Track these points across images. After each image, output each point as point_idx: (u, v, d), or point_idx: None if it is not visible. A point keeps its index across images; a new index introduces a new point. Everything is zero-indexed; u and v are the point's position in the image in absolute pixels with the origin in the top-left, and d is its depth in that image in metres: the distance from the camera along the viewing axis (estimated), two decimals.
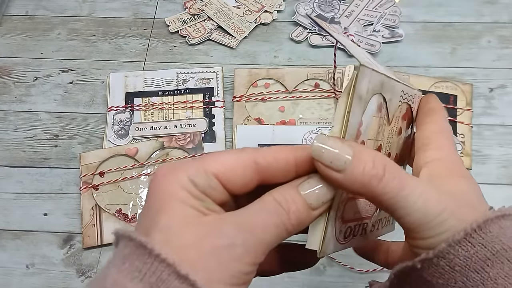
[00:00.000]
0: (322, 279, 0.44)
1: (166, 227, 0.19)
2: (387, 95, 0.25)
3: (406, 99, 0.28)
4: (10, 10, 0.64)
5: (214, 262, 0.19)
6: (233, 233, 0.20)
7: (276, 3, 0.62)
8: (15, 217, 0.49)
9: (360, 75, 0.22)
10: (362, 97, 0.22)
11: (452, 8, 0.61)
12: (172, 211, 0.20)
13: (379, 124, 0.25)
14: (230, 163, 0.21)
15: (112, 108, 0.54)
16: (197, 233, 0.19)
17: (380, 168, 0.21)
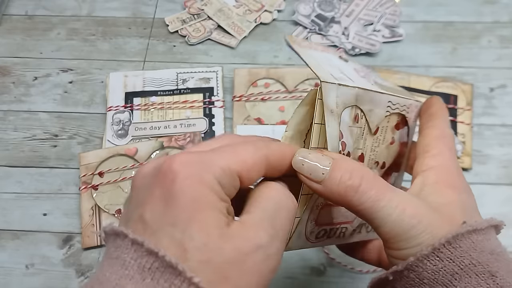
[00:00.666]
0: (322, 279, 0.44)
1: (204, 244, 0.18)
2: (365, 106, 0.26)
3: (398, 109, 0.28)
4: (10, 10, 0.64)
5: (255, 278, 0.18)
6: (267, 242, 0.19)
7: (276, 2, 0.62)
8: (14, 217, 0.49)
9: (324, 90, 0.23)
10: (333, 110, 0.23)
11: (453, 8, 0.61)
12: (206, 222, 0.18)
13: (357, 133, 0.26)
14: (251, 162, 0.21)
15: (111, 108, 0.54)
16: (236, 248, 0.18)
17: (357, 179, 0.21)
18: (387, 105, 0.28)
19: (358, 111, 0.26)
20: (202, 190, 0.18)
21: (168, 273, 0.17)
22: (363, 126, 0.27)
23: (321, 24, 0.60)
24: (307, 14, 0.61)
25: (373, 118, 0.27)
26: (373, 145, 0.28)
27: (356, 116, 0.25)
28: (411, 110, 0.29)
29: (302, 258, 0.45)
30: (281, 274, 0.45)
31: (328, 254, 0.45)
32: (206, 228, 0.18)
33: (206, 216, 0.18)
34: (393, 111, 0.28)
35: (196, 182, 0.19)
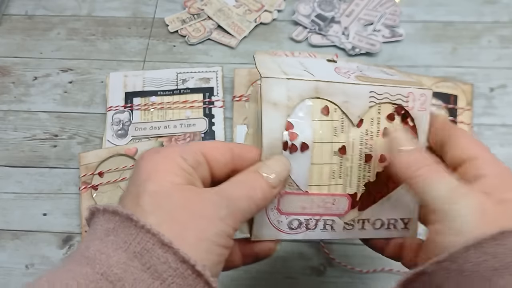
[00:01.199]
0: (322, 279, 0.44)
1: (155, 191, 0.21)
2: (337, 98, 0.27)
3: (387, 99, 0.28)
4: (10, 10, 0.64)
5: (203, 222, 0.21)
6: (218, 199, 0.22)
7: (276, 2, 0.62)
8: (14, 217, 0.49)
9: (264, 85, 0.26)
10: (278, 103, 0.26)
11: (453, 8, 0.61)
12: (160, 178, 0.22)
13: (332, 126, 0.28)
14: (214, 145, 0.25)
15: (111, 108, 0.54)
16: (185, 197, 0.21)
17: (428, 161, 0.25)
18: (370, 95, 0.28)
19: (327, 103, 0.27)
20: (163, 159, 0.22)
21: (125, 226, 0.20)
22: (340, 118, 0.28)
23: (321, 24, 0.60)
24: (307, 14, 0.61)
25: (351, 109, 0.28)
26: (362, 138, 0.29)
27: (325, 108, 0.27)
28: (412, 98, 0.29)
29: (302, 258, 0.45)
30: (281, 274, 0.45)
31: (328, 254, 0.45)
32: (160, 181, 0.21)
33: (162, 174, 0.22)
34: (380, 101, 0.28)
35: (161, 155, 0.23)
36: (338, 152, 0.28)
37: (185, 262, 0.20)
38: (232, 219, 0.22)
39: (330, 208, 0.29)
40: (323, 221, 0.29)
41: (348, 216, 0.29)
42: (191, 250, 0.20)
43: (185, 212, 0.21)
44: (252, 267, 0.45)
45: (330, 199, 0.29)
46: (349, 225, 0.29)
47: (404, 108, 0.29)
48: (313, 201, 0.28)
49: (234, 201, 0.23)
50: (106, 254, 0.20)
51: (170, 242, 0.19)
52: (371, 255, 0.45)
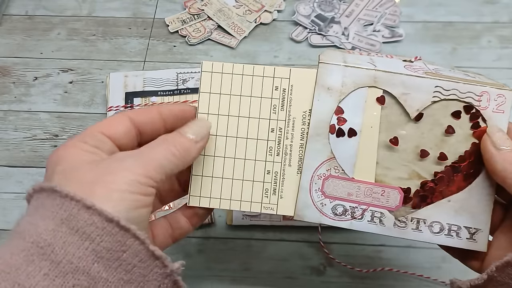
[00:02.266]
0: (322, 279, 0.44)
1: (63, 170, 0.23)
2: (395, 89, 0.27)
3: (455, 95, 0.27)
4: (10, 10, 0.64)
5: (109, 177, 0.22)
6: (124, 155, 0.24)
7: (276, 2, 0.62)
8: (14, 217, 0.49)
9: (320, 69, 0.27)
10: (333, 88, 0.27)
11: (452, 8, 0.61)
12: (66, 159, 0.24)
13: (387, 116, 0.27)
14: (109, 121, 0.26)
15: (111, 108, 0.54)
16: (92, 164, 0.23)
17: None
18: (435, 90, 0.27)
19: (384, 94, 0.27)
20: (67, 147, 0.24)
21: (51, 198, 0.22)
22: (397, 110, 0.27)
23: (321, 24, 0.60)
24: (307, 14, 0.61)
25: (410, 102, 0.27)
26: (419, 133, 0.28)
27: (381, 98, 0.27)
28: (486, 98, 0.27)
29: (302, 258, 0.45)
30: (281, 274, 0.45)
31: (328, 254, 0.45)
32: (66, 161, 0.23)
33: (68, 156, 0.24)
34: (446, 97, 0.27)
35: (64, 145, 0.25)
36: (389, 143, 0.28)
37: (110, 221, 0.21)
38: (142, 167, 0.23)
39: (378, 198, 0.28)
40: (371, 212, 0.28)
41: (400, 212, 0.28)
42: (106, 205, 0.21)
43: (94, 175, 0.22)
44: (252, 266, 0.45)
45: (379, 189, 0.28)
46: (401, 222, 0.28)
47: (474, 107, 0.27)
48: (359, 189, 0.28)
49: (144, 153, 0.24)
50: (35, 225, 0.21)
51: (93, 204, 0.21)
52: (371, 255, 0.45)
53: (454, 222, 0.28)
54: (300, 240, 0.46)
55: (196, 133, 0.27)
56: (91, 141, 0.24)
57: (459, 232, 0.28)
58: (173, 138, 0.26)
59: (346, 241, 0.46)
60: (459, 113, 0.28)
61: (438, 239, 0.28)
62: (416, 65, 0.30)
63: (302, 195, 0.28)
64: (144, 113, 0.27)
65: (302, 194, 0.28)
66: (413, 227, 0.28)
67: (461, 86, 0.27)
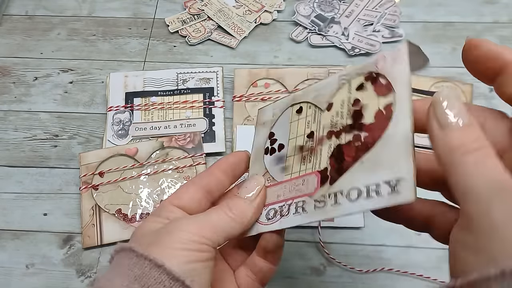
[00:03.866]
0: (322, 279, 0.44)
1: (135, 237, 0.27)
2: (307, 98, 0.31)
3: (356, 73, 0.28)
4: (10, 10, 0.64)
5: (166, 237, 0.25)
6: (182, 219, 0.27)
7: (276, 3, 0.62)
8: (14, 217, 0.49)
9: (258, 114, 0.34)
10: (266, 121, 0.33)
11: (452, 8, 0.61)
12: (141, 229, 0.27)
13: (306, 121, 0.31)
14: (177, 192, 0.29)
15: (112, 108, 0.54)
16: (155, 233, 0.26)
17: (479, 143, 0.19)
18: (340, 79, 0.29)
19: (302, 104, 0.31)
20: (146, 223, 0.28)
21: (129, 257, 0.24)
22: (313, 112, 0.30)
23: (321, 24, 0.60)
24: (307, 15, 0.61)
25: (321, 99, 0.30)
26: (333, 120, 0.28)
27: (299, 109, 0.31)
28: (382, 60, 0.26)
29: (302, 258, 0.45)
30: (281, 274, 0.45)
31: (328, 254, 0.45)
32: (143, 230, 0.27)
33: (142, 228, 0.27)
34: (349, 77, 0.28)
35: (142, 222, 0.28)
36: (307, 138, 0.29)
37: (176, 280, 0.23)
38: (196, 227, 0.25)
39: (300, 189, 0.28)
40: (295, 204, 0.28)
41: (318, 192, 0.27)
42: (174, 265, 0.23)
43: (155, 237, 0.25)
44: None
45: (299, 180, 0.29)
46: (320, 202, 0.26)
47: (373, 73, 0.27)
48: (285, 187, 0.29)
49: (200, 216, 0.27)
50: (111, 281, 0.23)
51: (162, 264, 0.23)
52: (371, 255, 0.45)
53: (371, 181, 0.24)
54: (300, 240, 0.46)
55: (249, 192, 0.29)
56: (163, 214, 0.28)
57: (379, 190, 0.23)
58: (228, 201, 0.28)
59: (346, 241, 0.46)
60: (362, 85, 0.27)
61: (357, 206, 0.24)
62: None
63: None
64: (205, 175, 0.30)
65: None
66: (331, 203, 0.25)
67: (361, 65, 0.28)
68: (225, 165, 0.31)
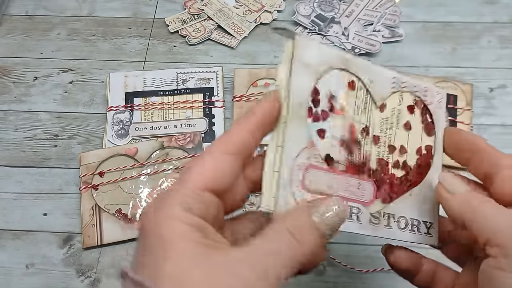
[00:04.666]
0: (322, 279, 0.44)
1: (173, 274, 0.18)
2: (364, 75, 0.26)
3: (407, 88, 0.28)
4: (10, 10, 0.64)
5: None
6: (248, 274, 0.18)
7: (276, 2, 0.62)
8: (14, 217, 0.49)
9: (296, 43, 0.26)
10: (310, 64, 0.25)
11: (452, 8, 0.61)
12: (176, 254, 0.18)
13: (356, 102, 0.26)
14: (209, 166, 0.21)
15: (112, 108, 0.54)
16: (209, 276, 0.18)
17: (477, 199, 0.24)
18: (392, 81, 0.27)
19: (354, 78, 0.26)
20: (169, 222, 0.19)
21: None
22: (363, 97, 0.27)
23: (321, 24, 0.60)
24: (307, 15, 0.61)
25: (376, 89, 0.27)
26: (382, 125, 0.27)
27: (351, 82, 0.26)
28: (430, 94, 0.28)
29: None
30: None
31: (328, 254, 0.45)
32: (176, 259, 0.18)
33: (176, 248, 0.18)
34: (401, 88, 0.27)
35: (164, 215, 0.19)
36: (361, 132, 0.26)
37: None
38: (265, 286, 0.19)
39: (355, 192, 0.25)
40: (349, 208, 0.25)
41: (374, 206, 0.26)
42: None
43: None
44: None
45: (355, 182, 0.26)
46: (375, 218, 0.26)
47: (423, 102, 0.28)
48: (337, 181, 0.25)
49: (271, 271, 0.19)
50: None
51: None
52: (371, 255, 0.45)
53: (415, 217, 0.27)
54: None
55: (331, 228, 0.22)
56: (195, 209, 0.20)
57: (419, 227, 0.27)
58: (302, 235, 0.20)
59: (346, 241, 0.46)
60: (413, 108, 0.28)
61: (404, 236, 0.27)
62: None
63: (282, 192, 0.24)
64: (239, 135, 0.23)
65: (282, 191, 0.24)
66: (385, 224, 0.26)
67: (411, 80, 0.28)
68: (253, 125, 0.23)
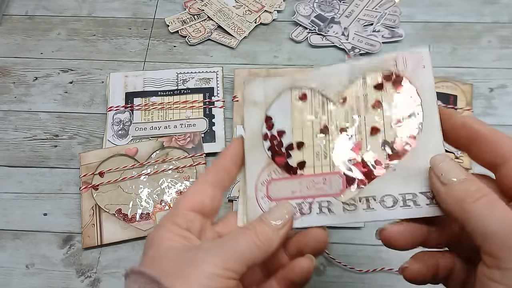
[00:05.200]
0: (322, 279, 0.44)
1: (152, 256, 0.25)
2: (313, 84, 0.29)
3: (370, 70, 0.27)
4: (10, 10, 0.64)
5: (190, 269, 0.23)
6: (208, 245, 0.25)
7: (276, 3, 0.62)
8: (15, 217, 0.49)
9: (245, 88, 0.30)
10: (257, 101, 0.29)
11: (452, 8, 0.61)
12: (157, 244, 0.25)
13: (313, 109, 0.28)
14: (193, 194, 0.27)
15: (112, 108, 0.54)
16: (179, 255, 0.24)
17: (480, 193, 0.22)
18: (350, 70, 0.28)
19: (305, 90, 0.29)
20: (161, 232, 0.26)
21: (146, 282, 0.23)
22: (320, 101, 0.28)
23: (321, 24, 0.60)
24: (307, 15, 0.61)
25: (329, 89, 0.28)
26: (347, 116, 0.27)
27: (303, 95, 0.29)
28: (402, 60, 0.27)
29: None
30: None
31: (328, 254, 0.45)
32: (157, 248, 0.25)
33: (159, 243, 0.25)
34: (362, 72, 0.27)
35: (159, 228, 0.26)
36: (320, 132, 0.28)
37: None
38: (221, 259, 0.23)
39: (321, 188, 0.27)
40: (318, 204, 0.27)
41: (346, 195, 0.26)
42: None
43: (177, 266, 0.23)
44: None
45: (319, 178, 0.27)
46: (350, 205, 0.26)
47: (393, 73, 0.27)
48: (301, 183, 0.27)
49: (225, 243, 0.25)
50: None
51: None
52: (371, 255, 0.45)
53: (406, 191, 0.25)
54: None
55: (278, 219, 0.26)
56: (182, 223, 0.26)
57: (416, 200, 0.25)
58: (256, 227, 0.26)
59: (346, 241, 0.46)
60: (381, 84, 0.27)
61: (394, 213, 0.25)
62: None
63: (250, 205, 0.28)
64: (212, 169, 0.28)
65: (250, 204, 0.28)
66: (364, 207, 0.26)
67: (375, 59, 0.27)
68: (229, 155, 0.29)
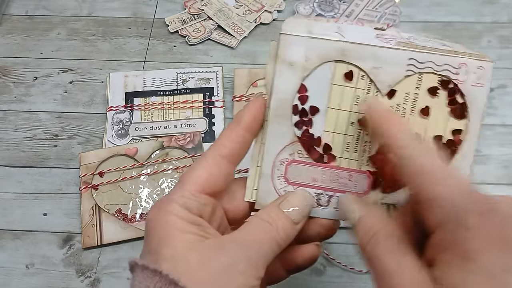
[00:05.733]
0: (321, 279, 0.44)
1: (170, 256, 0.21)
2: (365, 64, 0.24)
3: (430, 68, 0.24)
4: (10, 10, 0.64)
5: (223, 279, 0.21)
6: (235, 251, 0.22)
7: (276, 2, 0.62)
8: (14, 217, 0.49)
9: (281, 42, 0.24)
10: (295, 63, 0.24)
11: (452, 8, 0.61)
12: (173, 241, 0.22)
13: (355, 94, 0.25)
14: (205, 171, 0.24)
15: (111, 108, 0.54)
16: (202, 256, 0.21)
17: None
18: (408, 63, 0.24)
19: (352, 68, 0.25)
20: (169, 217, 0.22)
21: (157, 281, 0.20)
22: (367, 87, 0.25)
23: None
24: (307, 15, 0.61)
25: (381, 77, 0.25)
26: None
27: (349, 73, 0.25)
28: (465, 70, 0.25)
29: None
30: None
31: (328, 254, 0.45)
32: (173, 244, 0.21)
33: (173, 236, 0.22)
34: (420, 70, 0.24)
35: (165, 212, 0.22)
36: (357, 123, 0.25)
37: None
38: (254, 268, 0.22)
39: (346, 184, 0.25)
40: (337, 199, 0.25)
41: (369, 197, 0.25)
42: None
43: (203, 273, 0.21)
44: None
45: (345, 174, 0.25)
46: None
47: (452, 81, 0.25)
48: (325, 173, 0.25)
49: (254, 249, 0.22)
50: None
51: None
52: None
53: None
54: None
55: (299, 214, 0.24)
56: (194, 208, 0.23)
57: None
58: (277, 222, 0.24)
59: (346, 241, 0.46)
60: (436, 90, 0.25)
61: None
62: (389, 34, 0.27)
63: (263, 183, 0.26)
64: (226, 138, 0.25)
65: (264, 182, 0.26)
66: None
67: (438, 57, 0.24)
68: (247, 121, 0.25)
